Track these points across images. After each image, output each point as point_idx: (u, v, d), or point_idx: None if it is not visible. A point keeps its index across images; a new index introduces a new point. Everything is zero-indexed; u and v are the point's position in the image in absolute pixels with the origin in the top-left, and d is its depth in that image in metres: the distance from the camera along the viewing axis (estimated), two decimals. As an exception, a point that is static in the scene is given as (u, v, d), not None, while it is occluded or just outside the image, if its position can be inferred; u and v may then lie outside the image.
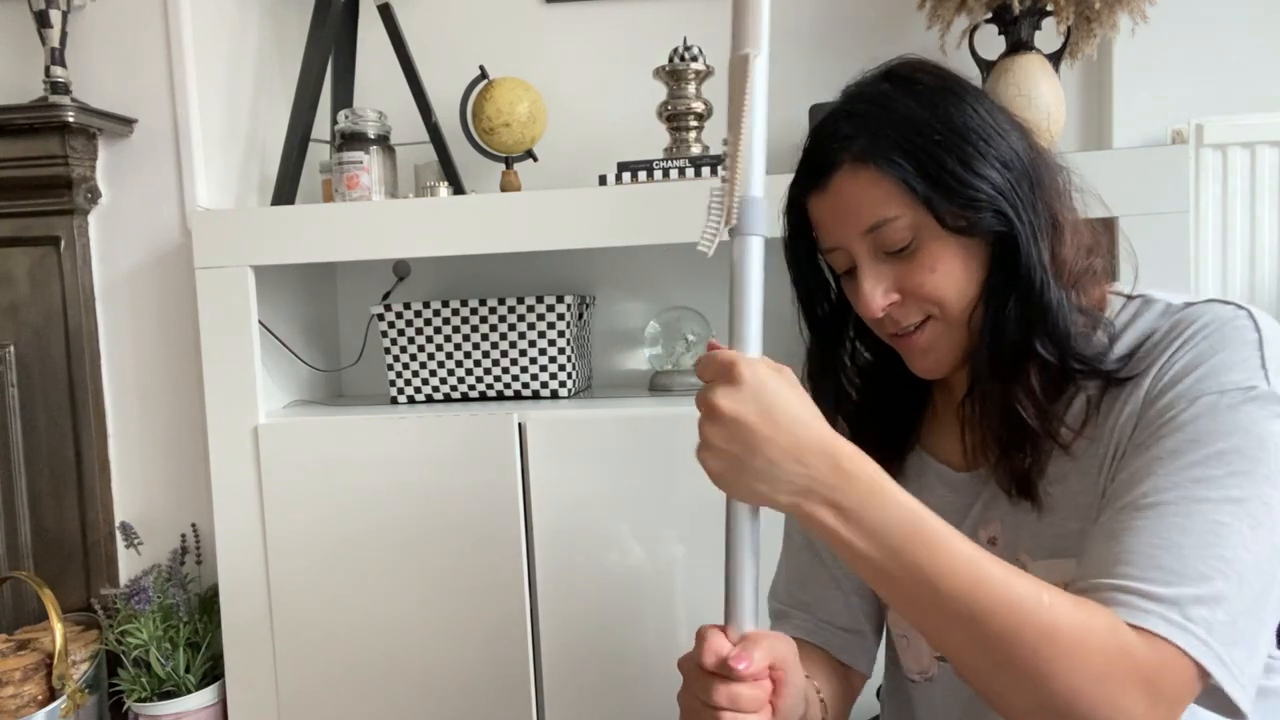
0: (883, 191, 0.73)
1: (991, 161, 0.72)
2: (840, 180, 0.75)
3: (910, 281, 0.75)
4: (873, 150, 0.72)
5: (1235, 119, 1.55)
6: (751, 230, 0.66)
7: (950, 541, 0.62)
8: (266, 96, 1.82)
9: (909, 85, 0.75)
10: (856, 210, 0.74)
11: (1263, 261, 1.56)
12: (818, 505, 0.63)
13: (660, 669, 1.44)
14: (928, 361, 0.79)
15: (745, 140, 0.65)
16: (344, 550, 1.50)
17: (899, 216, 0.73)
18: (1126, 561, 0.64)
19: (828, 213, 0.77)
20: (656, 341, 1.70)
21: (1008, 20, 1.47)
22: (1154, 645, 0.61)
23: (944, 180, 0.71)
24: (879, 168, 0.72)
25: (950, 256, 0.74)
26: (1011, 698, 0.63)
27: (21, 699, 1.45)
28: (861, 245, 0.75)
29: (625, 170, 1.49)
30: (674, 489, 1.43)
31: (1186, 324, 0.72)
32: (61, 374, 1.64)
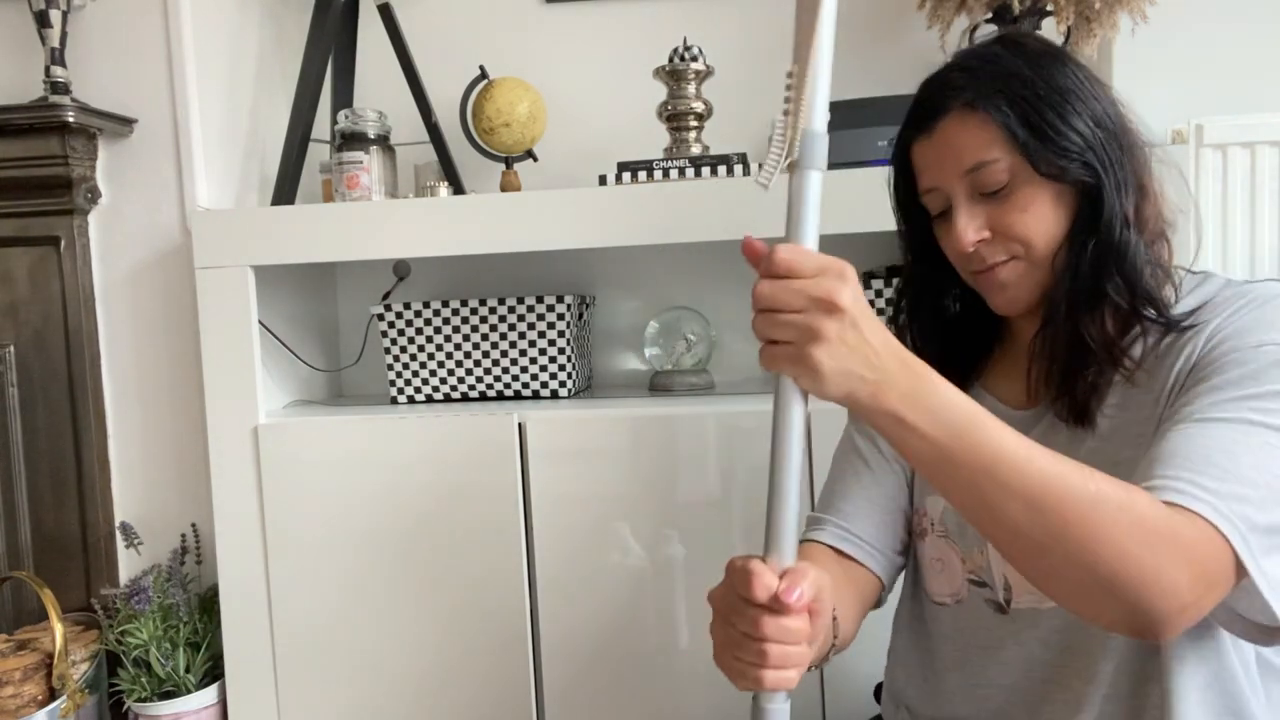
0: (986, 135, 0.80)
1: (1086, 119, 0.79)
2: (947, 124, 0.82)
3: (1003, 221, 0.81)
4: (980, 98, 0.80)
5: (1235, 119, 1.55)
6: (812, 164, 0.66)
7: (1002, 428, 0.66)
8: (266, 96, 1.83)
9: (1018, 47, 0.83)
10: (959, 152, 0.81)
11: (1263, 261, 1.56)
12: (890, 395, 0.65)
13: (660, 669, 1.44)
14: (1006, 296, 0.85)
15: (812, 70, 0.64)
16: (344, 550, 1.50)
17: (999, 160, 0.80)
18: (1181, 457, 0.69)
19: (931, 155, 0.84)
20: (656, 341, 1.70)
21: (1008, 20, 1.47)
22: (1196, 523, 0.65)
23: (1042, 129, 0.78)
24: (985, 112, 0.80)
25: (1042, 200, 0.81)
26: (1062, 571, 0.66)
27: (21, 699, 1.45)
28: (960, 185, 0.82)
29: (625, 170, 1.49)
30: (674, 489, 1.43)
31: (1246, 293, 0.79)
32: (61, 374, 1.64)
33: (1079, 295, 0.81)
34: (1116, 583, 0.64)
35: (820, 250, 0.66)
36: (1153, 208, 0.83)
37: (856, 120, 1.51)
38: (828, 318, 0.63)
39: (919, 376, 0.66)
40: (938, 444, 0.65)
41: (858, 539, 0.94)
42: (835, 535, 0.95)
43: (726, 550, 1.41)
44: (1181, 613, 0.65)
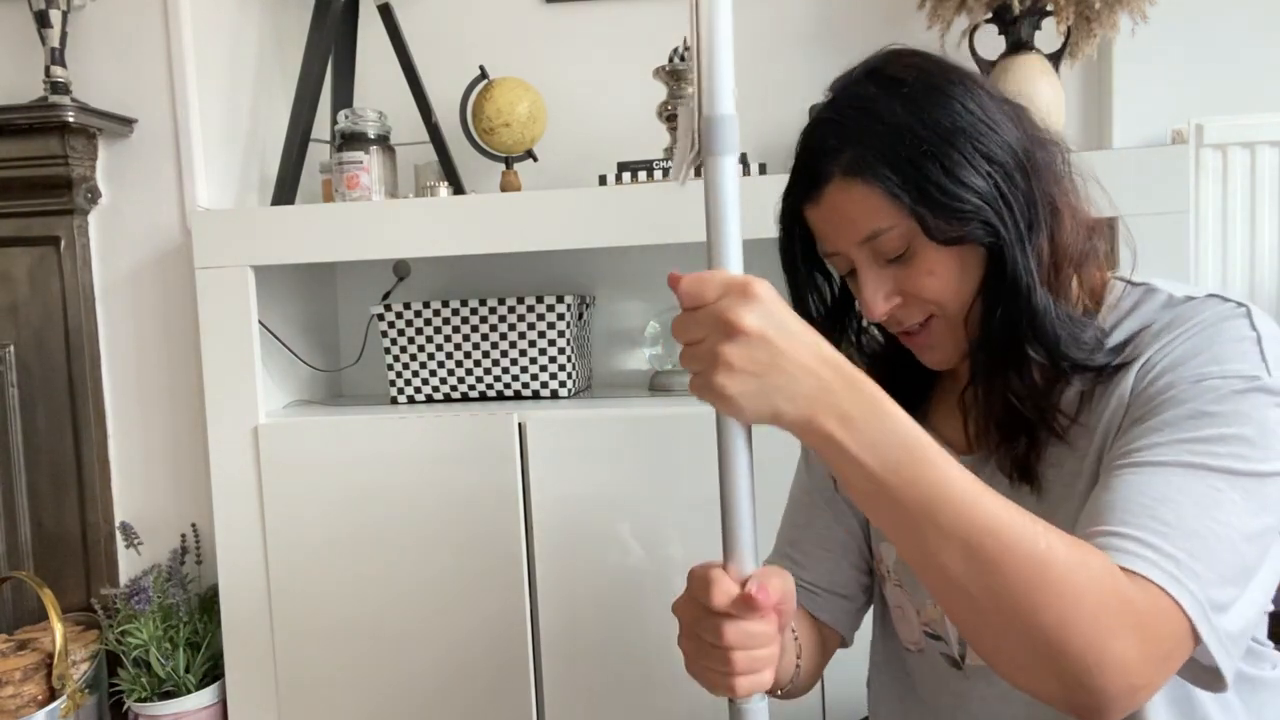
0: (873, 204, 0.74)
1: (979, 164, 0.72)
2: (832, 193, 0.76)
3: (910, 285, 0.76)
4: (860, 164, 0.73)
5: (1235, 119, 1.55)
6: (721, 150, 0.64)
7: (949, 463, 0.61)
8: (266, 96, 1.83)
9: (895, 86, 0.75)
10: (851, 221, 0.75)
11: (1263, 261, 1.56)
12: (827, 416, 0.61)
13: (660, 669, 1.44)
14: (935, 357, 0.81)
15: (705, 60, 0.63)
16: (344, 550, 1.50)
17: (892, 227, 0.74)
18: (1123, 509, 0.64)
19: (824, 223, 0.78)
20: (656, 341, 1.70)
21: (1008, 20, 1.47)
22: (1148, 591, 0.60)
23: (930, 193, 0.71)
24: (866, 182, 0.73)
25: (947, 260, 0.75)
26: (1000, 634, 0.61)
27: (21, 699, 1.45)
28: (860, 253, 0.77)
29: (625, 170, 1.49)
30: (674, 489, 1.43)
31: (1184, 318, 0.73)
32: (61, 374, 1.64)
33: (996, 356, 0.76)
34: (1059, 655, 0.58)
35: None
36: (1075, 224, 0.77)
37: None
38: (728, 341, 0.60)
39: (861, 395, 0.61)
40: (875, 475, 0.60)
41: (811, 587, 0.91)
42: None
43: (726, 550, 1.41)
44: (1131, 694, 0.59)
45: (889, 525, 0.63)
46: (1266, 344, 0.70)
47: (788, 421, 0.62)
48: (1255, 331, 0.71)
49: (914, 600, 0.88)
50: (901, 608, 0.91)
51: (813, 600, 0.92)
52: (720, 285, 0.63)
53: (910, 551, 0.63)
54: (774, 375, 0.60)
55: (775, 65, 1.74)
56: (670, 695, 1.44)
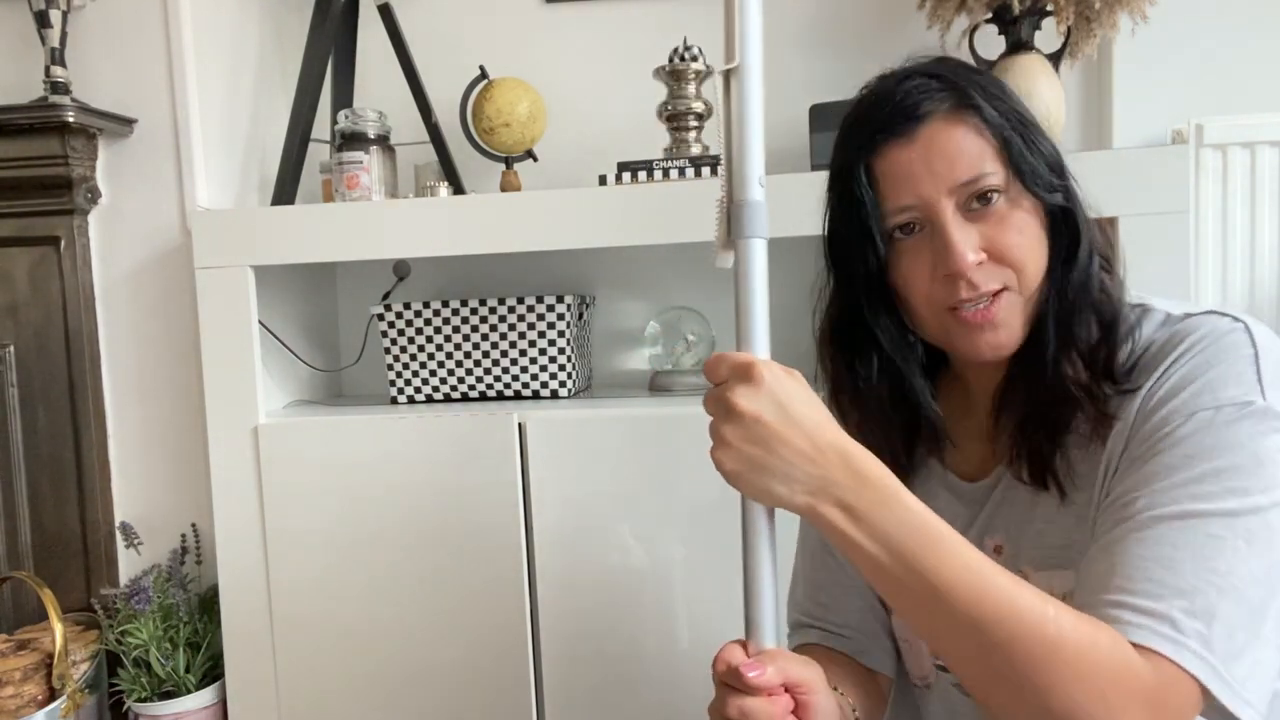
0: (980, 146, 0.72)
1: (1045, 145, 0.74)
2: (931, 132, 0.73)
3: (1000, 242, 0.73)
4: (967, 107, 0.72)
5: (1235, 119, 1.55)
6: (751, 233, 0.68)
7: (957, 547, 0.62)
8: (266, 96, 1.83)
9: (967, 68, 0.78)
10: (951, 162, 0.72)
11: (1263, 261, 1.56)
12: (829, 505, 0.63)
13: (660, 669, 1.44)
14: (1000, 337, 0.75)
15: (736, 148, 0.68)
16: (344, 550, 1.50)
17: (994, 173, 0.72)
18: (1121, 575, 0.64)
19: (915, 164, 0.73)
20: (656, 341, 1.70)
21: (1008, 20, 1.47)
22: (1156, 664, 0.60)
23: (1029, 150, 0.73)
24: (978, 121, 0.72)
25: (1033, 223, 0.74)
26: (1011, 710, 0.62)
27: (21, 699, 1.45)
28: (949, 201, 0.73)
29: (625, 170, 1.49)
30: (674, 489, 1.43)
31: (1181, 337, 0.71)
32: (61, 374, 1.64)
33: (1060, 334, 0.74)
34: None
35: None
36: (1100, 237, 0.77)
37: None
38: (726, 422, 0.63)
39: (866, 484, 0.61)
40: (881, 564, 0.61)
41: (847, 629, 0.90)
42: (821, 635, 0.91)
43: (726, 550, 1.41)
44: None
45: (896, 605, 0.64)
46: (1263, 361, 0.69)
47: (787, 505, 0.64)
48: (1253, 348, 0.69)
49: None
50: (909, 641, 0.90)
51: (850, 644, 0.90)
52: (729, 367, 0.65)
53: (919, 629, 0.64)
54: (770, 459, 0.62)
55: (775, 65, 1.74)
56: (670, 695, 1.44)
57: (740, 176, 0.68)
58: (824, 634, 0.91)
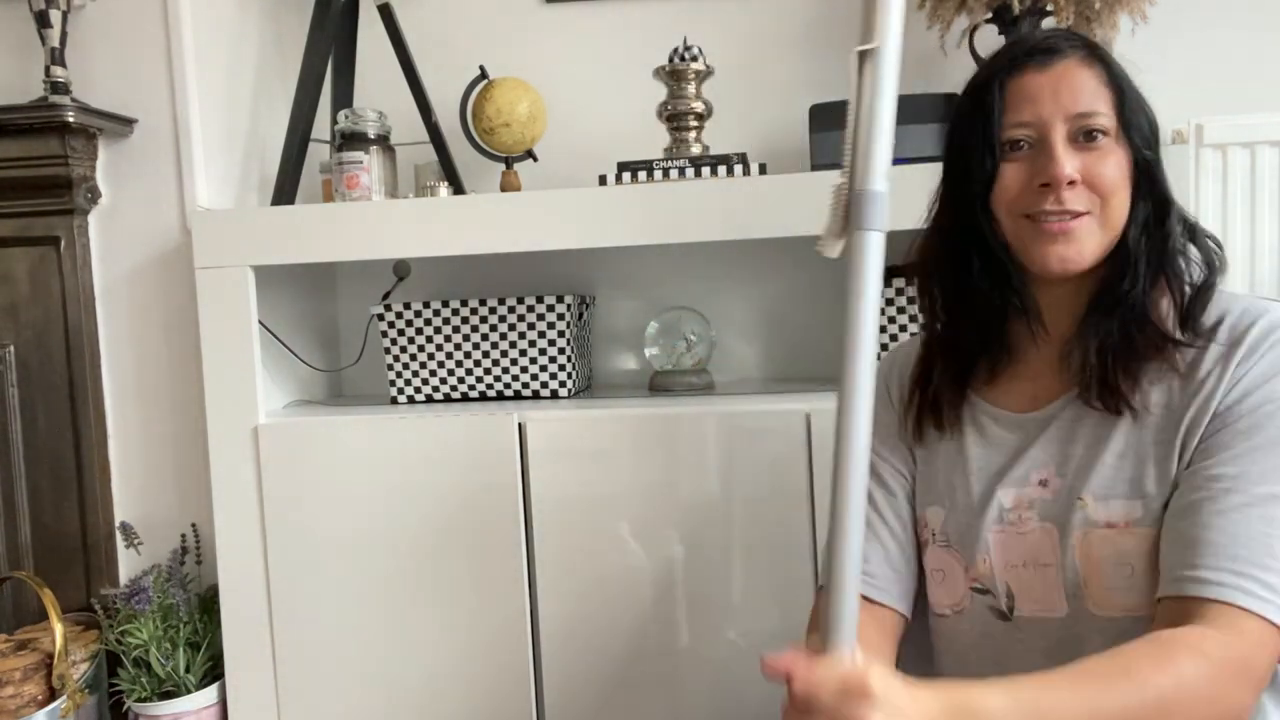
0: (1100, 88, 0.83)
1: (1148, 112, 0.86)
2: (1066, 64, 0.84)
3: (1094, 169, 0.82)
4: (1095, 57, 0.84)
5: (1235, 119, 1.54)
6: (870, 225, 0.65)
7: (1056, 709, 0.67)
8: (266, 96, 1.83)
9: None
10: (1075, 92, 0.83)
11: (1263, 261, 1.56)
12: None
13: (660, 669, 1.44)
14: (1072, 250, 0.83)
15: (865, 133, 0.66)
16: (344, 550, 1.50)
17: (1104, 114, 0.82)
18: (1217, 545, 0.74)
19: (1044, 88, 0.84)
20: (656, 341, 1.70)
21: (1008, 20, 1.47)
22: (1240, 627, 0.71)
23: (1131, 104, 0.84)
24: (1102, 68, 0.84)
25: (1124, 161, 0.83)
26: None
27: (21, 699, 1.45)
28: (1063, 126, 0.83)
29: (625, 170, 1.49)
30: (674, 489, 1.43)
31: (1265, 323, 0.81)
32: (61, 374, 1.64)
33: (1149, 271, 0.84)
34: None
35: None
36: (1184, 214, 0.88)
37: (856, 120, 1.51)
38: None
39: None
40: None
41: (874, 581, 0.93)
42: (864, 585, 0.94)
43: (726, 550, 1.41)
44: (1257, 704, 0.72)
45: None
46: None
47: None
48: None
49: (964, 558, 0.90)
50: (944, 570, 0.93)
51: (880, 590, 0.93)
52: (837, 688, 0.63)
53: None
54: None
55: (775, 65, 1.74)
56: (670, 695, 1.44)
57: (865, 164, 0.65)
58: None
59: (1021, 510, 0.87)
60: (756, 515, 1.40)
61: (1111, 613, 0.82)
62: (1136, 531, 0.81)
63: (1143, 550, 0.81)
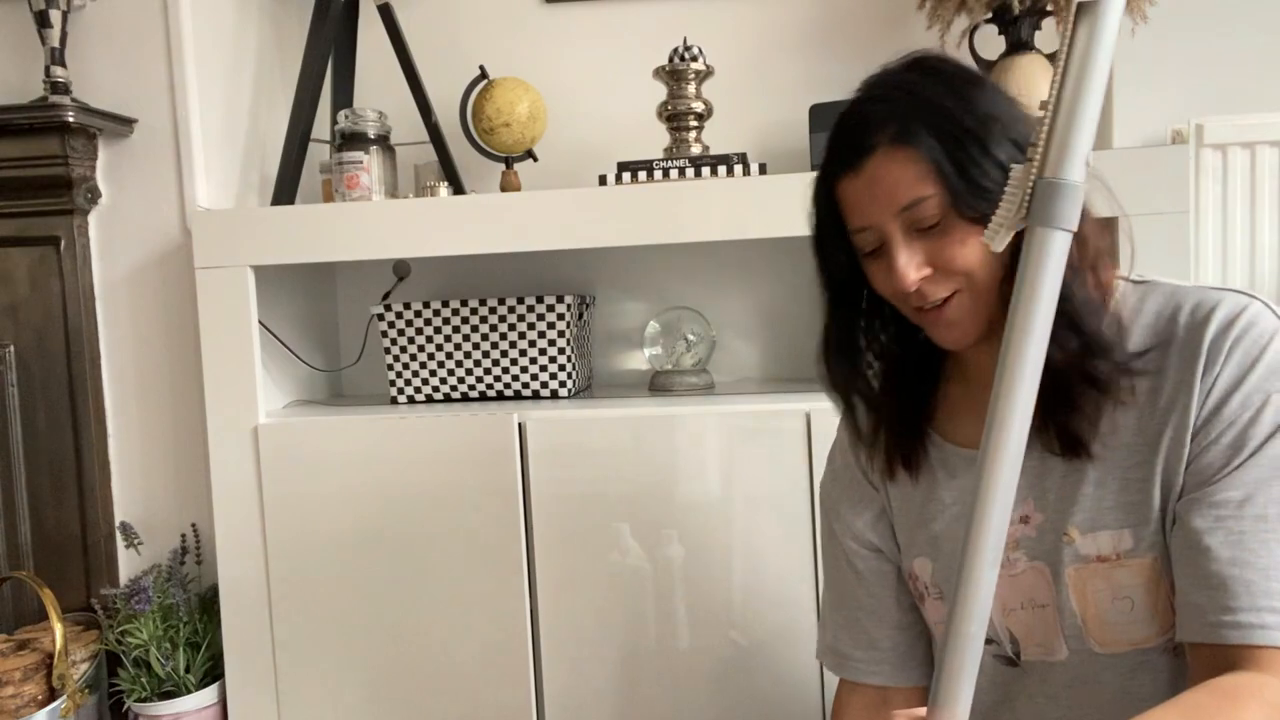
0: (916, 171, 0.76)
1: (1008, 147, 0.75)
2: (876, 162, 0.77)
3: (942, 256, 0.77)
4: (906, 134, 0.76)
5: (1235, 119, 1.55)
6: (1058, 223, 0.57)
7: None
8: (266, 96, 1.83)
9: (936, 72, 0.79)
10: (891, 189, 0.77)
11: (1263, 261, 1.56)
12: None
13: (660, 669, 1.44)
14: (955, 333, 0.81)
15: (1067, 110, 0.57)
16: (344, 550, 1.50)
17: (932, 195, 0.75)
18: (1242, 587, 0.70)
19: (862, 193, 0.79)
20: (656, 341, 1.70)
21: (1008, 20, 1.47)
22: None
23: (967, 167, 0.74)
24: (912, 149, 0.76)
25: (978, 232, 0.75)
26: None
27: (21, 699, 1.45)
28: (895, 223, 0.78)
29: (625, 170, 1.49)
30: (674, 489, 1.43)
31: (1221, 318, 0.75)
32: (61, 374, 1.64)
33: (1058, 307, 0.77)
34: None
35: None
36: (1092, 221, 0.78)
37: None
38: None
39: None
40: None
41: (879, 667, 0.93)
42: (860, 672, 0.94)
43: (726, 550, 1.41)
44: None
45: None
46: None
47: None
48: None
49: None
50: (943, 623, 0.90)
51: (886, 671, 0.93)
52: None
53: None
54: None
55: (775, 65, 1.74)
56: (670, 695, 1.44)
57: (1062, 148, 0.57)
58: (860, 670, 0.94)
59: (1009, 551, 0.82)
60: (756, 515, 1.40)
61: (1117, 649, 0.80)
62: (1130, 563, 0.77)
63: (1140, 582, 0.77)
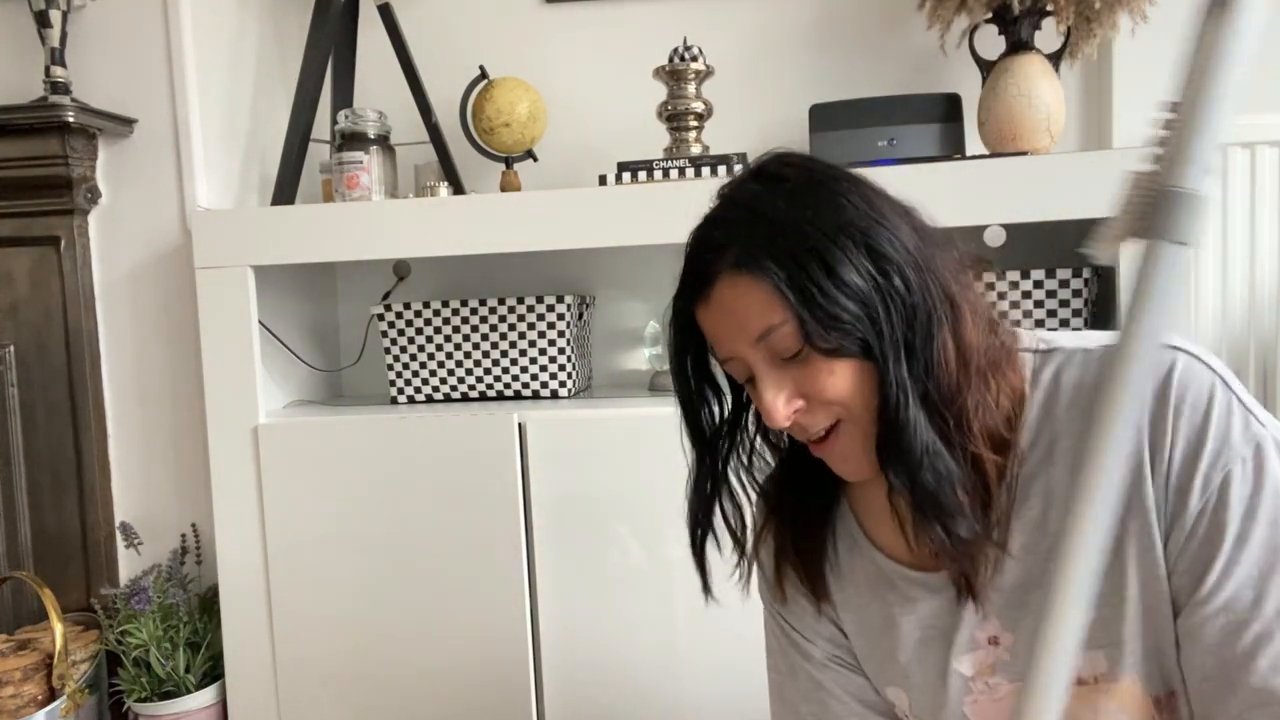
0: (762, 299, 0.68)
1: (862, 262, 0.67)
2: (721, 290, 0.70)
3: (811, 386, 0.69)
4: (745, 259, 0.68)
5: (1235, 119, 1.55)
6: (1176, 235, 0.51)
7: None
8: (266, 96, 1.83)
9: (778, 182, 0.72)
10: (743, 319, 0.69)
11: (1263, 261, 1.56)
12: None
13: (660, 669, 1.44)
14: (849, 466, 0.73)
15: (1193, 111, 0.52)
16: (344, 550, 1.50)
17: (785, 322, 0.67)
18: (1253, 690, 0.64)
19: (716, 324, 0.72)
20: (656, 341, 1.70)
21: (1008, 20, 1.47)
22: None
23: (811, 293, 0.66)
24: (754, 276, 0.68)
25: (847, 361, 0.68)
26: None
27: (21, 699, 1.45)
28: (756, 353, 0.70)
29: (625, 170, 1.49)
30: (674, 489, 1.42)
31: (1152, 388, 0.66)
32: (61, 374, 1.64)
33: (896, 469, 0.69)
34: None
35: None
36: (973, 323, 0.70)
37: (856, 120, 1.51)
38: None
39: None
40: None
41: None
42: None
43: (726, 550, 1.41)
44: None
45: None
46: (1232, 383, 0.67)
47: None
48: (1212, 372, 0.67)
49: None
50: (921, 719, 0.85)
51: None
52: None
53: None
54: None
55: (775, 65, 1.74)
56: (670, 696, 1.44)
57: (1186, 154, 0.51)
58: None
59: (986, 676, 0.75)
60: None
61: None
62: (1108, 688, 0.70)
63: (1121, 705, 0.70)
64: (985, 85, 1.50)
